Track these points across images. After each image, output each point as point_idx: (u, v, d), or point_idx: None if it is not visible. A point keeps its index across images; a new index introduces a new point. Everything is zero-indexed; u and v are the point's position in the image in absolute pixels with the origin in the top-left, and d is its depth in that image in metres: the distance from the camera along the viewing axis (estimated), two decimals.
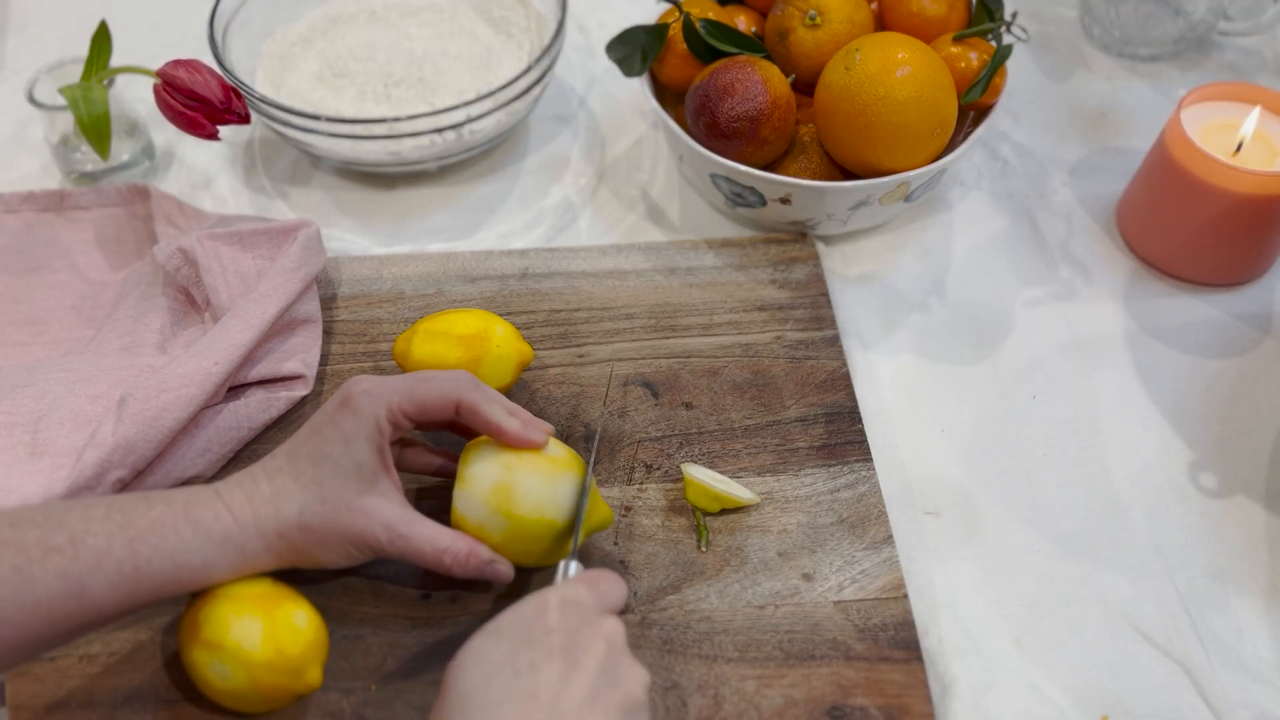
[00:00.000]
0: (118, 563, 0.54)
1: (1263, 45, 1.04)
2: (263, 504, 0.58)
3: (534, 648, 0.52)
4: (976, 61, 0.82)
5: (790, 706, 0.62)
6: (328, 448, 0.59)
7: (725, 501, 0.69)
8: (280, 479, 0.59)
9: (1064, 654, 0.66)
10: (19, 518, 0.54)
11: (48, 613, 0.53)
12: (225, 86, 0.78)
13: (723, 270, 0.83)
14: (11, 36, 1.03)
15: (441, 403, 0.61)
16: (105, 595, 0.54)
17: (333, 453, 0.59)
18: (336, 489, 0.59)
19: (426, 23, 0.96)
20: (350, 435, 0.59)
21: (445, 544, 0.60)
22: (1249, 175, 0.78)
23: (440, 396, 0.61)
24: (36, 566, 0.53)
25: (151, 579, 0.55)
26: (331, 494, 0.58)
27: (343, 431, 0.59)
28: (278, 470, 0.60)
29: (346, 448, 0.59)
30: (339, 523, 0.58)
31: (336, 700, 0.62)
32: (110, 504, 0.56)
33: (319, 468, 0.59)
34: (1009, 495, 0.73)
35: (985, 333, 0.82)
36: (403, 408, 0.60)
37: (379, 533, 0.59)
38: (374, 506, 0.59)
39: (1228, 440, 0.76)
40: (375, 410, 0.60)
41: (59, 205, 0.86)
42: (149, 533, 0.55)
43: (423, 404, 0.61)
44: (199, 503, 0.58)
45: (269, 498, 0.59)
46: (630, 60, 0.85)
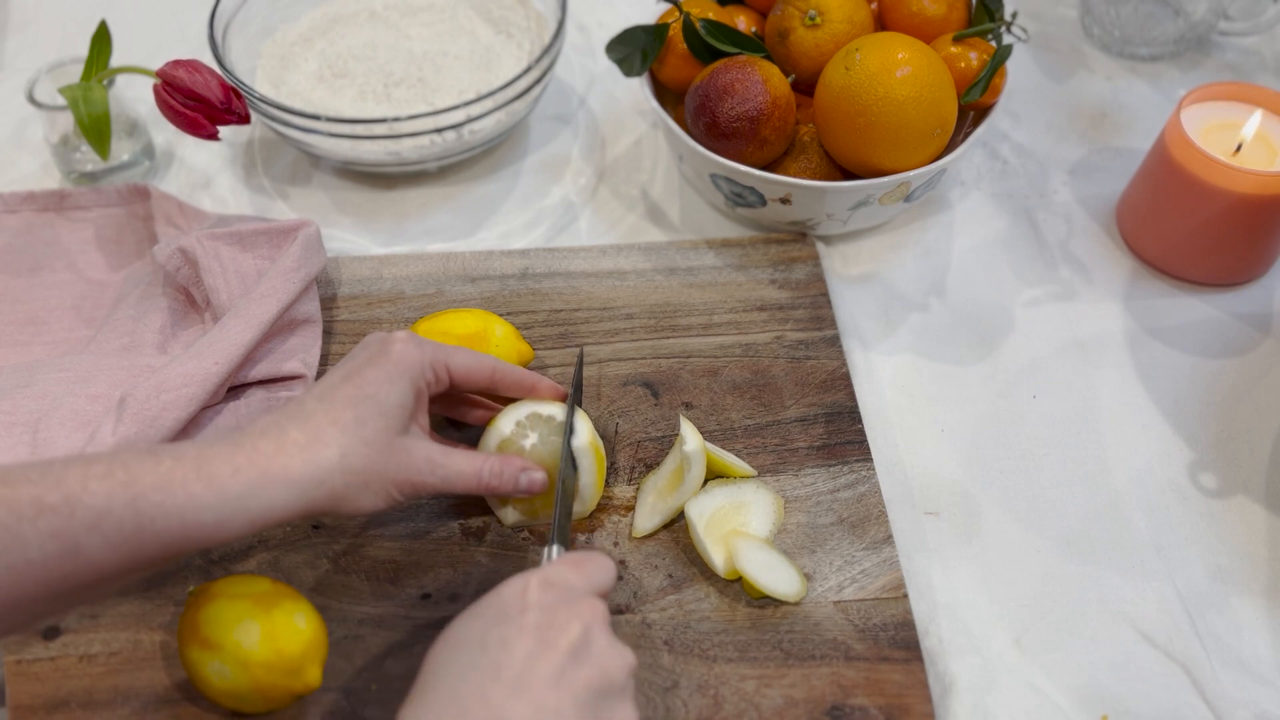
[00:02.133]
0: (118, 522, 0.51)
1: (1263, 45, 1.04)
2: (296, 451, 0.56)
3: (507, 624, 0.51)
4: (976, 61, 0.82)
5: (790, 706, 0.62)
6: (369, 389, 0.58)
7: (723, 469, 0.70)
8: (314, 423, 0.57)
9: (1064, 654, 0.66)
10: (14, 475, 0.52)
11: (41, 574, 0.50)
12: (225, 86, 0.78)
13: (723, 270, 0.83)
14: (11, 36, 1.03)
15: (478, 368, 0.65)
16: (104, 555, 0.52)
17: (376, 393, 0.58)
18: (379, 429, 0.58)
19: (426, 23, 0.96)
20: (394, 376, 0.59)
21: (480, 464, 0.62)
22: (1249, 175, 0.78)
23: (478, 362, 0.65)
24: (28, 525, 0.50)
25: (157, 539, 0.52)
26: (374, 435, 0.58)
27: (386, 373, 0.59)
28: (309, 415, 0.57)
29: (390, 388, 0.59)
30: (382, 463, 0.58)
31: (336, 700, 0.62)
32: (113, 460, 0.53)
33: (360, 409, 0.58)
34: (1009, 495, 0.73)
35: (985, 333, 0.82)
36: (445, 363, 0.63)
37: (421, 467, 0.59)
38: (414, 445, 0.60)
39: (1228, 440, 0.76)
40: (421, 357, 0.61)
41: (59, 205, 0.86)
42: (154, 490, 0.52)
43: (464, 365, 0.64)
44: (215, 457, 0.54)
45: (303, 444, 0.56)
46: (630, 60, 0.85)
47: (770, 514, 0.69)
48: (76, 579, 0.51)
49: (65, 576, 0.51)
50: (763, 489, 0.69)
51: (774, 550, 0.67)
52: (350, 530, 0.68)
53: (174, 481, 0.53)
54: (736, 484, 0.70)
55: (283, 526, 0.58)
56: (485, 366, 0.65)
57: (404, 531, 0.68)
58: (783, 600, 0.65)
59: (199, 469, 0.53)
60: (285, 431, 0.56)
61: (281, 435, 0.56)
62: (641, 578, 0.67)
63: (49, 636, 0.64)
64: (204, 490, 0.53)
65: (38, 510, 0.50)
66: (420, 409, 0.62)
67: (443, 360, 0.63)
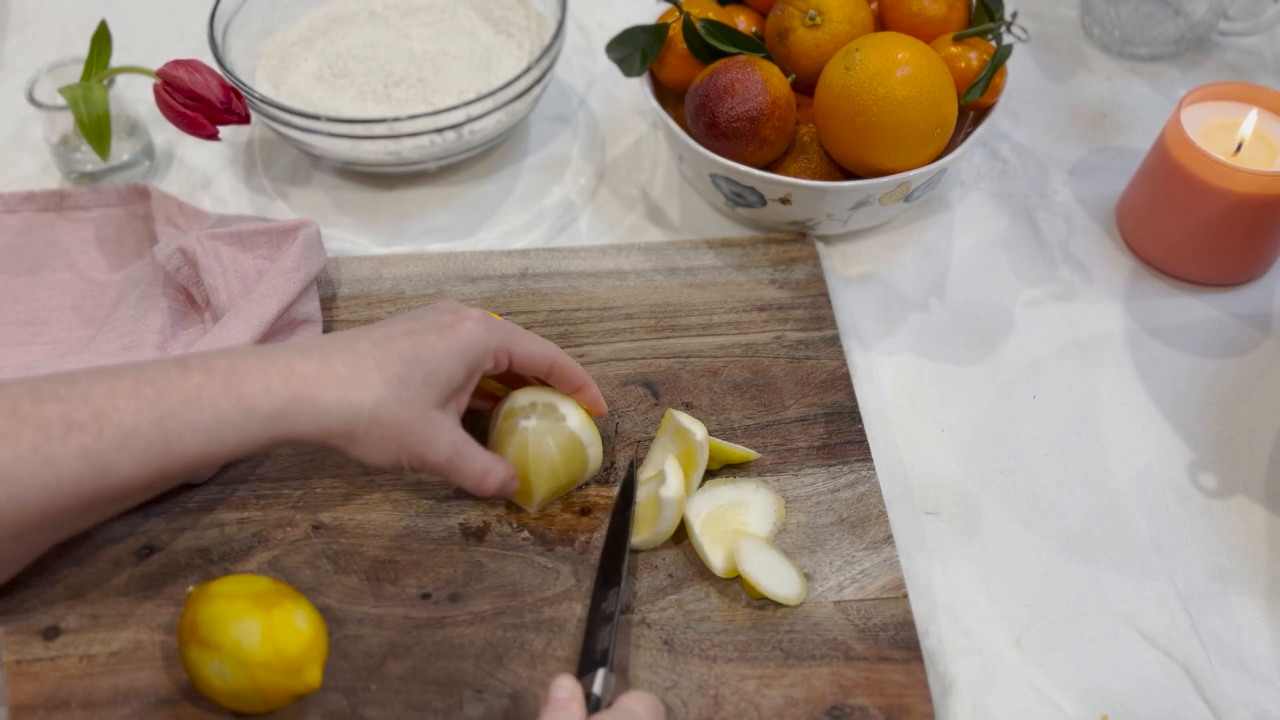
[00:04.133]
0: (146, 440, 0.51)
1: (1263, 45, 1.04)
2: (334, 384, 0.55)
3: None
4: (976, 61, 0.82)
5: (790, 706, 0.62)
6: (427, 354, 0.58)
7: (727, 456, 0.70)
8: (363, 364, 0.56)
9: (1064, 654, 0.66)
10: (41, 390, 0.51)
11: (72, 491, 0.50)
12: (225, 86, 0.78)
13: (723, 270, 0.83)
14: (11, 36, 1.03)
15: (541, 358, 0.64)
16: (132, 473, 0.51)
17: (430, 360, 0.58)
18: (418, 395, 0.57)
19: (426, 23, 0.96)
20: (455, 353, 0.59)
21: (488, 467, 0.62)
22: (1249, 175, 0.78)
23: (541, 352, 0.64)
24: (57, 445, 0.50)
25: (184, 456, 0.52)
26: (410, 397, 0.57)
27: (448, 347, 0.59)
28: (361, 355, 0.57)
29: (446, 362, 0.59)
30: (408, 427, 0.57)
31: (336, 700, 0.62)
32: (139, 374, 0.52)
33: (410, 369, 0.57)
34: (1009, 495, 0.73)
35: (985, 333, 0.82)
36: (509, 349, 0.62)
37: (440, 447, 0.59)
38: (445, 423, 0.60)
39: (1228, 440, 0.76)
40: (488, 340, 0.60)
41: (59, 205, 0.86)
42: (182, 407, 0.52)
43: (526, 353, 0.63)
44: (246, 373, 0.54)
45: (343, 379, 0.55)
46: (630, 60, 0.85)
47: (771, 514, 0.69)
48: (105, 496, 0.51)
49: (95, 494, 0.51)
50: (763, 489, 0.69)
51: (775, 551, 0.66)
52: (350, 530, 0.68)
53: (202, 399, 0.52)
54: (736, 483, 0.70)
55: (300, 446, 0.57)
56: (547, 357, 0.65)
57: (404, 531, 0.68)
58: (782, 602, 0.65)
59: (228, 386, 0.53)
60: (330, 361, 0.56)
61: (325, 362, 0.55)
62: (641, 577, 0.67)
63: (49, 636, 0.64)
64: (231, 408, 0.53)
65: (66, 428, 0.50)
66: (466, 390, 0.62)
67: (507, 347, 0.62)
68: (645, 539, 0.67)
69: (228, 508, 0.69)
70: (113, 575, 0.66)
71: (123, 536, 0.68)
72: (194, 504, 0.69)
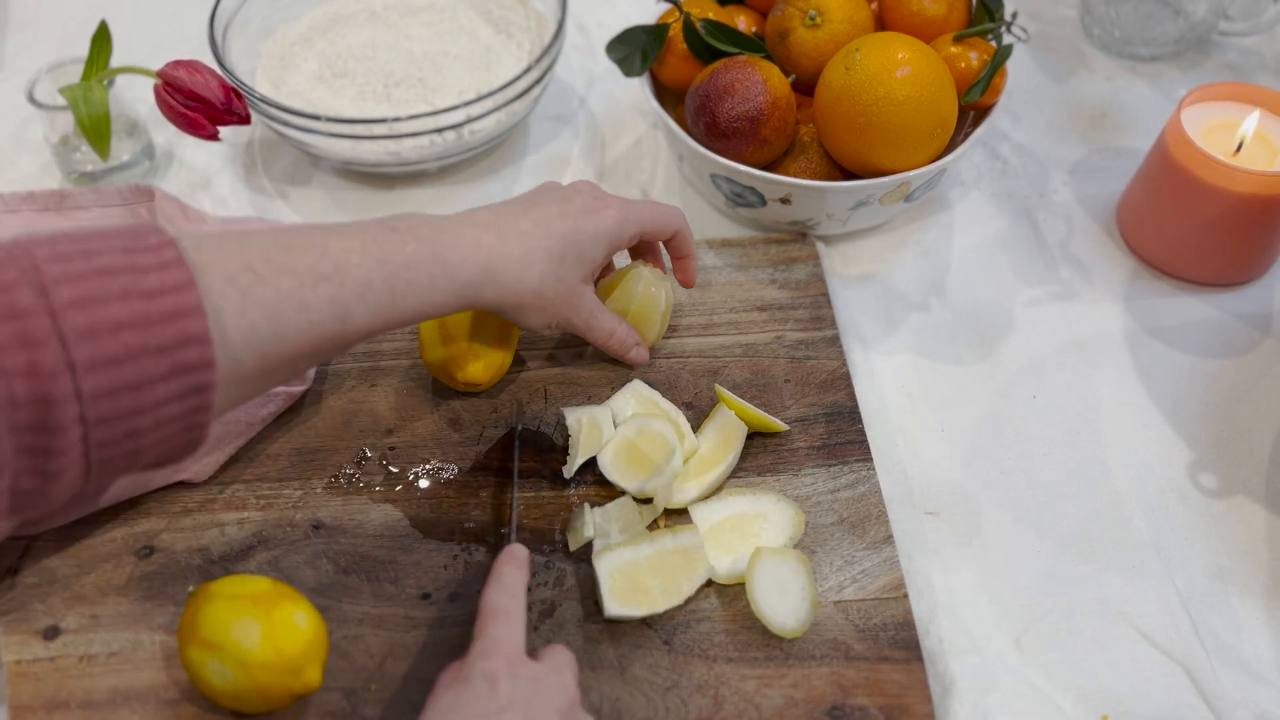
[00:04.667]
0: (378, 294, 0.58)
1: (1263, 45, 1.04)
2: (510, 261, 0.63)
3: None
4: (976, 61, 0.82)
5: (790, 706, 0.62)
6: (580, 237, 0.66)
7: (760, 424, 0.72)
8: (530, 244, 0.64)
9: (1064, 654, 0.66)
10: (287, 242, 0.56)
11: (319, 333, 0.56)
12: (225, 87, 0.78)
13: (723, 270, 0.83)
14: (11, 36, 1.03)
15: (667, 229, 0.72)
16: (365, 322, 0.58)
17: (581, 242, 0.66)
18: (571, 271, 0.67)
19: (426, 23, 0.96)
20: (600, 237, 0.67)
21: (614, 326, 0.72)
22: (1249, 175, 0.78)
23: (666, 223, 0.72)
24: (309, 291, 0.55)
25: (402, 312, 0.60)
26: (566, 274, 0.66)
27: (595, 230, 0.67)
28: (527, 235, 0.65)
29: (594, 244, 0.67)
30: (562, 299, 0.67)
31: (336, 700, 0.62)
32: (363, 236, 0.59)
33: (566, 249, 0.66)
34: (1009, 495, 0.73)
35: (985, 333, 0.82)
36: (644, 228, 0.70)
37: (582, 314, 0.69)
38: (586, 294, 0.69)
39: (1228, 440, 0.76)
40: (626, 228, 0.69)
41: (59, 205, 0.85)
42: (404, 269, 0.59)
43: (659, 227, 0.71)
44: (446, 245, 0.61)
45: (518, 257, 0.64)
46: (630, 60, 0.85)
47: (789, 527, 0.68)
48: (342, 340, 0.58)
49: (334, 337, 0.57)
50: (784, 502, 0.69)
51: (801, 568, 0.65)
52: (350, 530, 0.68)
53: (419, 264, 0.60)
54: (755, 495, 0.69)
55: None
56: (671, 226, 0.72)
57: (404, 531, 0.69)
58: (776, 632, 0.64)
59: (435, 254, 0.61)
60: (507, 241, 0.64)
61: (503, 239, 0.64)
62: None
63: (49, 636, 0.64)
64: (440, 273, 0.61)
65: (316, 278, 0.56)
66: (602, 265, 0.70)
67: (637, 229, 0.70)
68: None
69: (228, 508, 0.69)
70: (113, 575, 0.66)
71: (123, 536, 0.68)
72: (194, 504, 0.69)
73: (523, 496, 0.70)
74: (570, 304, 0.68)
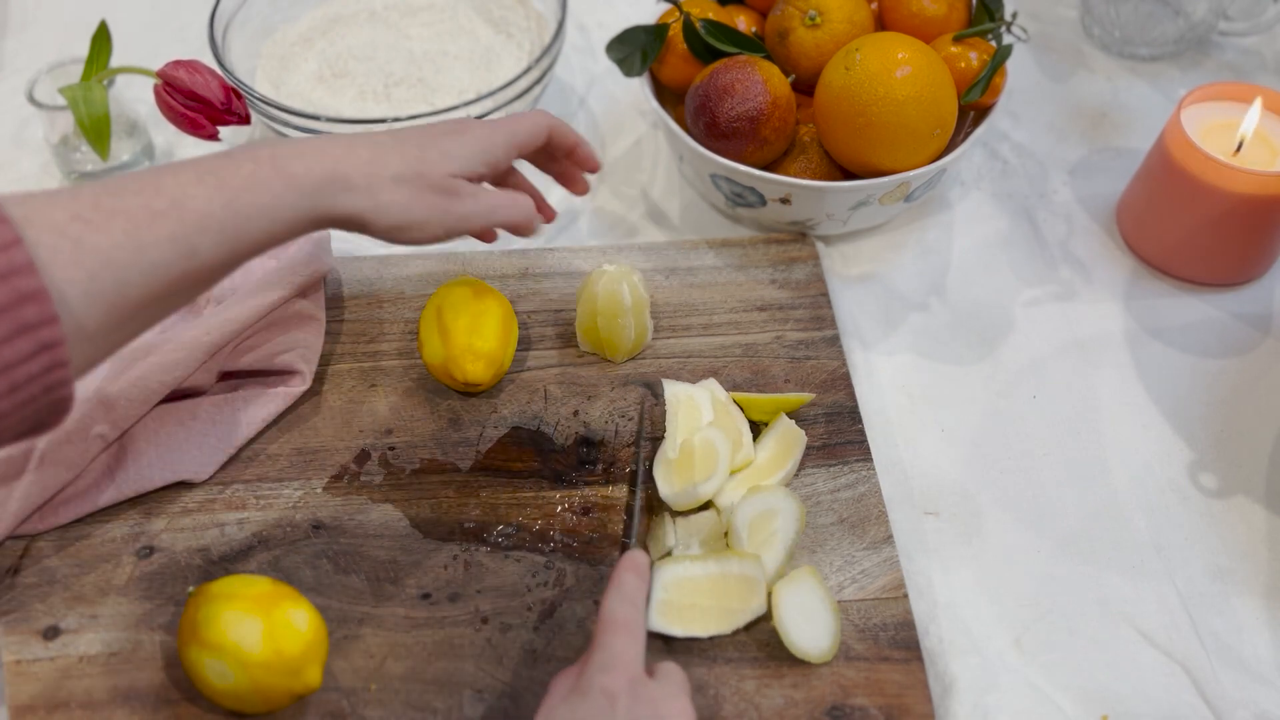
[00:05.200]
0: (220, 222, 0.55)
1: (1263, 45, 1.04)
2: (360, 164, 0.60)
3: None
4: (976, 61, 0.82)
5: (790, 706, 0.62)
6: (442, 141, 0.63)
7: (782, 405, 0.72)
8: (381, 147, 0.61)
9: (1064, 654, 0.66)
10: (118, 185, 0.54)
11: (166, 275, 0.53)
12: (225, 87, 0.78)
13: (723, 270, 0.83)
14: (11, 36, 1.03)
15: (540, 135, 0.68)
16: (213, 254, 0.55)
17: (444, 144, 0.63)
18: (435, 165, 0.62)
19: (426, 23, 0.96)
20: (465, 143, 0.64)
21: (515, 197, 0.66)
22: (1249, 175, 0.78)
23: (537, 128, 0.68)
24: (146, 231, 0.53)
25: (251, 236, 0.56)
26: (428, 169, 0.62)
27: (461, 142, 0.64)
28: (379, 144, 0.61)
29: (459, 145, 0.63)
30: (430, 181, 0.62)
31: (336, 700, 0.62)
32: (197, 167, 0.56)
33: (425, 150, 0.62)
34: (1009, 495, 0.73)
35: (985, 333, 0.82)
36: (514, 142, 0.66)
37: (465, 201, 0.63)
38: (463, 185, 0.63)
39: (1228, 440, 0.76)
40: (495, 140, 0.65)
41: None
42: (244, 191, 0.56)
43: (528, 138, 0.67)
44: (288, 155, 0.58)
45: (368, 159, 0.60)
46: (630, 60, 0.85)
47: (795, 520, 0.68)
48: (192, 278, 0.55)
49: (184, 275, 0.54)
50: (790, 498, 0.68)
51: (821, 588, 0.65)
52: (350, 530, 0.68)
53: (259, 181, 0.56)
54: (764, 494, 0.68)
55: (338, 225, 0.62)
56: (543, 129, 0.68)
57: (404, 531, 0.69)
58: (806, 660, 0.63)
59: (276, 168, 0.57)
60: (354, 146, 0.60)
61: (350, 147, 0.60)
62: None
63: (49, 636, 0.64)
64: (284, 188, 0.57)
65: (151, 216, 0.53)
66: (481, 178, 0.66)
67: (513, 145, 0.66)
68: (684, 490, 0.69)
69: (228, 508, 0.69)
70: (113, 575, 0.66)
71: (123, 536, 0.68)
72: (194, 504, 0.69)
73: (523, 496, 0.70)
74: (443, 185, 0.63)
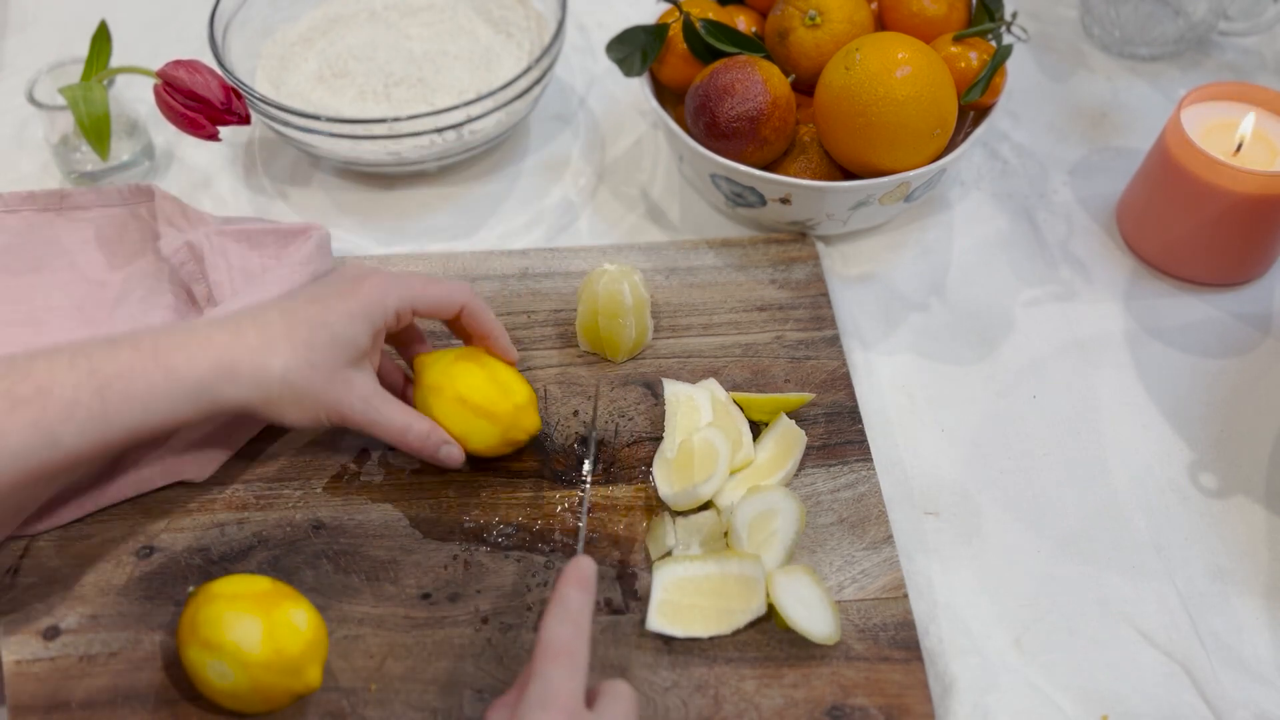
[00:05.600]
0: (88, 410, 0.54)
1: (1263, 45, 1.04)
2: (246, 352, 0.58)
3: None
4: (976, 61, 0.82)
5: (790, 706, 0.62)
6: (331, 318, 0.61)
7: (782, 404, 0.72)
8: (272, 332, 0.60)
9: (1064, 654, 0.66)
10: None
11: (23, 464, 0.53)
12: (225, 87, 0.78)
13: (723, 270, 0.83)
14: (11, 36, 1.03)
15: (447, 304, 0.66)
16: (77, 443, 0.54)
17: (334, 324, 0.61)
18: (327, 356, 0.61)
19: (426, 23, 0.96)
20: (356, 314, 0.62)
21: (409, 422, 0.65)
22: (1249, 175, 0.78)
23: (447, 298, 0.66)
24: (5, 418, 0.52)
25: (123, 425, 0.55)
26: (321, 360, 0.61)
27: (349, 309, 0.62)
28: (269, 324, 0.60)
29: (349, 323, 0.62)
30: (320, 387, 0.61)
31: (336, 700, 0.62)
32: (76, 350, 0.55)
33: (315, 333, 0.60)
34: (1009, 495, 0.73)
35: (985, 333, 0.82)
36: (414, 303, 0.65)
37: (355, 404, 0.63)
38: (356, 379, 0.63)
39: (1228, 440, 0.76)
40: (387, 299, 0.63)
41: (59, 205, 0.86)
42: (117, 379, 0.55)
43: (433, 302, 0.66)
44: (170, 346, 0.57)
45: (255, 348, 0.59)
46: (630, 60, 0.85)
47: (795, 520, 0.68)
48: (53, 465, 0.54)
49: (44, 464, 0.54)
50: (790, 498, 0.68)
51: (818, 586, 0.65)
52: (350, 530, 0.68)
53: (135, 370, 0.55)
54: (764, 494, 0.68)
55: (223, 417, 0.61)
56: (455, 301, 0.67)
57: (404, 531, 0.68)
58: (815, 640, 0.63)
59: (156, 358, 0.56)
60: (242, 330, 0.59)
61: (238, 332, 0.59)
62: (642, 577, 0.67)
63: (49, 637, 0.64)
64: (162, 379, 0.56)
65: (13, 404, 0.53)
66: (374, 348, 0.65)
67: (409, 303, 0.64)
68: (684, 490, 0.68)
69: (228, 508, 0.69)
70: (113, 575, 0.66)
71: (123, 536, 0.68)
72: (194, 504, 0.69)
73: (523, 496, 0.70)
74: (335, 393, 0.61)
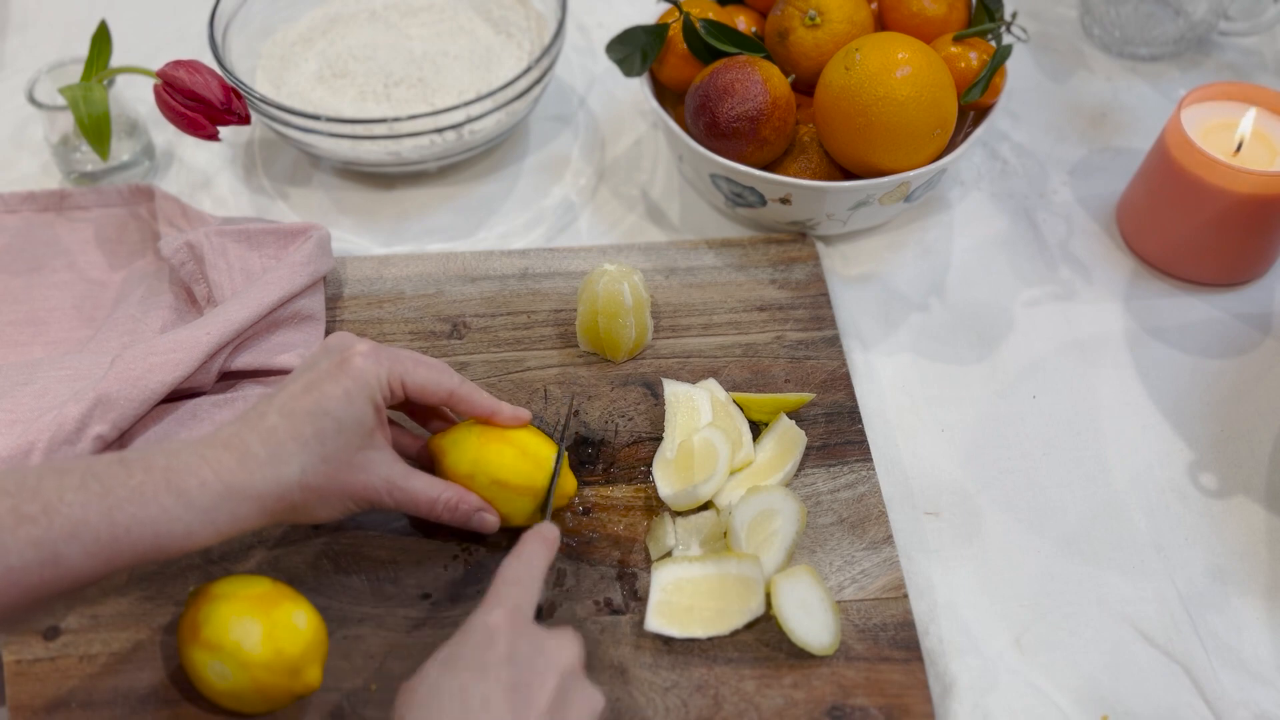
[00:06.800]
0: (95, 531, 0.53)
1: (1263, 45, 1.04)
2: (257, 467, 0.57)
3: (486, 679, 0.52)
4: (976, 61, 0.82)
5: (790, 706, 0.62)
6: (328, 404, 0.59)
7: (782, 404, 0.72)
8: (276, 439, 0.58)
9: (1064, 654, 0.66)
10: None
11: (21, 579, 0.52)
12: (225, 87, 0.78)
13: (723, 270, 0.83)
14: (11, 36, 1.03)
15: (435, 388, 0.63)
16: (81, 563, 0.53)
17: (334, 409, 0.59)
18: (338, 446, 0.59)
19: (426, 23, 0.96)
20: (352, 393, 0.59)
21: (437, 493, 0.63)
22: (1249, 175, 0.78)
23: (435, 382, 0.63)
24: (8, 535, 0.51)
25: (132, 548, 0.54)
26: (333, 452, 0.59)
27: (344, 389, 0.59)
28: (271, 430, 0.58)
29: (349, 404, 0.59)
30: (341, 479, 0.60)
31: (336, 700, 0.62)
32: (86, 470, 0.54)
33: (319, 424, 0.58)
34: (1009, 495, 0.73)
35: (985, 333, 0.82)
36: (403, 379, 0.62)
37: (379, 486, 0.61)
38: (373, 461, 0.61)
39: (1228, 440, 0.76)
40: (379, 370, 0.61)
41: (59, 205, 0.86)
42: (128, 502, 0.54)
43: (421, 385, 0.63)
44: (182, 470, 0.56)
45: (265, 460, 0.57)
46: (630, 60, 0.85)
47: (795, 521, 0.68)
48: (55, 585, 0.53)
49: (45, 583, 0.53)
50: (790, 498, 0.68)
51: (820, 586, 0.65)
52: (350, 530, 0.68)
53: (146, 494, 0.54)
54: (764, 494, 0.68)
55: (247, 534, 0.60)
56: (443, 387, 0.64)
57: (404, 531, 0.68)
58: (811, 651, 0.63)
59: (168, 482, 0.55)
60: (248, 446, 0.57)
61: (244, 449, 0.57)
62: (642, 576, 0.67)
63: (49, 637, 0.64)
64: (174, 503, 0.55)
65: (17, 520, 0.52)
66: (380, 422, 0.62)
67: (399, 376, 0.62)
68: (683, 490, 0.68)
69: None
70: (113, 575, 0.66)
71: None
72: None
73: None
74: (355, 481, 0.60)
